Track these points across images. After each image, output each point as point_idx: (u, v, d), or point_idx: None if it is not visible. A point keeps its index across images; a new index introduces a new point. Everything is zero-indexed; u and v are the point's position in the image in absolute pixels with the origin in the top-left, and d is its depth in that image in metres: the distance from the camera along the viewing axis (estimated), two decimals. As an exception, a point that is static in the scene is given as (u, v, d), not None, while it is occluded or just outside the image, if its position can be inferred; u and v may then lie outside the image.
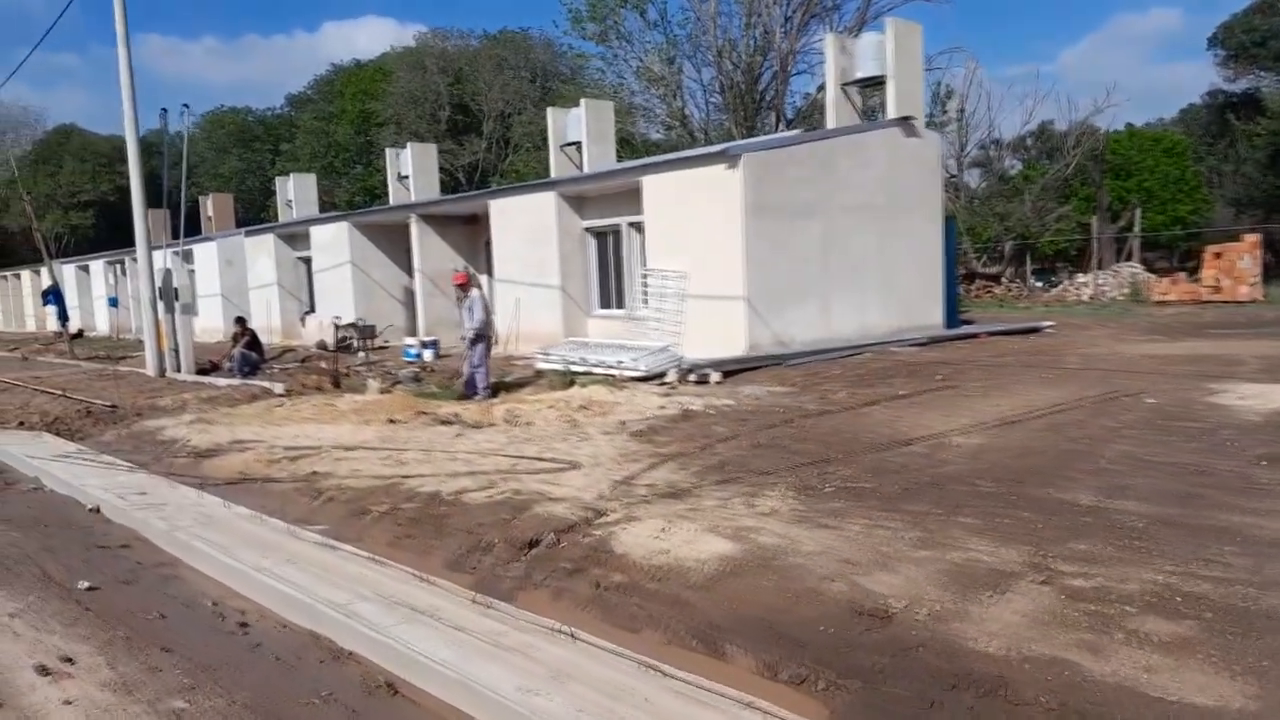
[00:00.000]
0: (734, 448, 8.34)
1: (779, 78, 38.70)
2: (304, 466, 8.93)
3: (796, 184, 15.41)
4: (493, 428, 10.41)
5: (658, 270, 15.97)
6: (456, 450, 9.07)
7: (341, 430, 10.82)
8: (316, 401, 13.18)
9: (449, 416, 11.26)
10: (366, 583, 5.56)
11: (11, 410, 14.33)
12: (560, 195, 18.08)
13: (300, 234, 27.14)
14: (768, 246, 14.92)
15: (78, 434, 12.48)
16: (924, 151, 17.98)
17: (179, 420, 12.23)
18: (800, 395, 11.40)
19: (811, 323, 15.68)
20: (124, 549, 6.82)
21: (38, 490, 9.14)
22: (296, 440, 10.26)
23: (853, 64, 19.56)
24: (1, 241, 62.73)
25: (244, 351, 17.09)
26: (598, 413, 10.74)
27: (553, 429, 10.01)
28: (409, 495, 7.45)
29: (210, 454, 10.09)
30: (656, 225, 16.01)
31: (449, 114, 51.19)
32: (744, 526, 5.83)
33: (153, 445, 11.14)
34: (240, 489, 8.56)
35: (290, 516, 7.46)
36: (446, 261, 22.48)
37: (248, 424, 11.65)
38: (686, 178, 15.45)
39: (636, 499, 6.76)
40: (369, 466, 8.60)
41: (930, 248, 18.02)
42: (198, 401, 13.66)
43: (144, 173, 18.04)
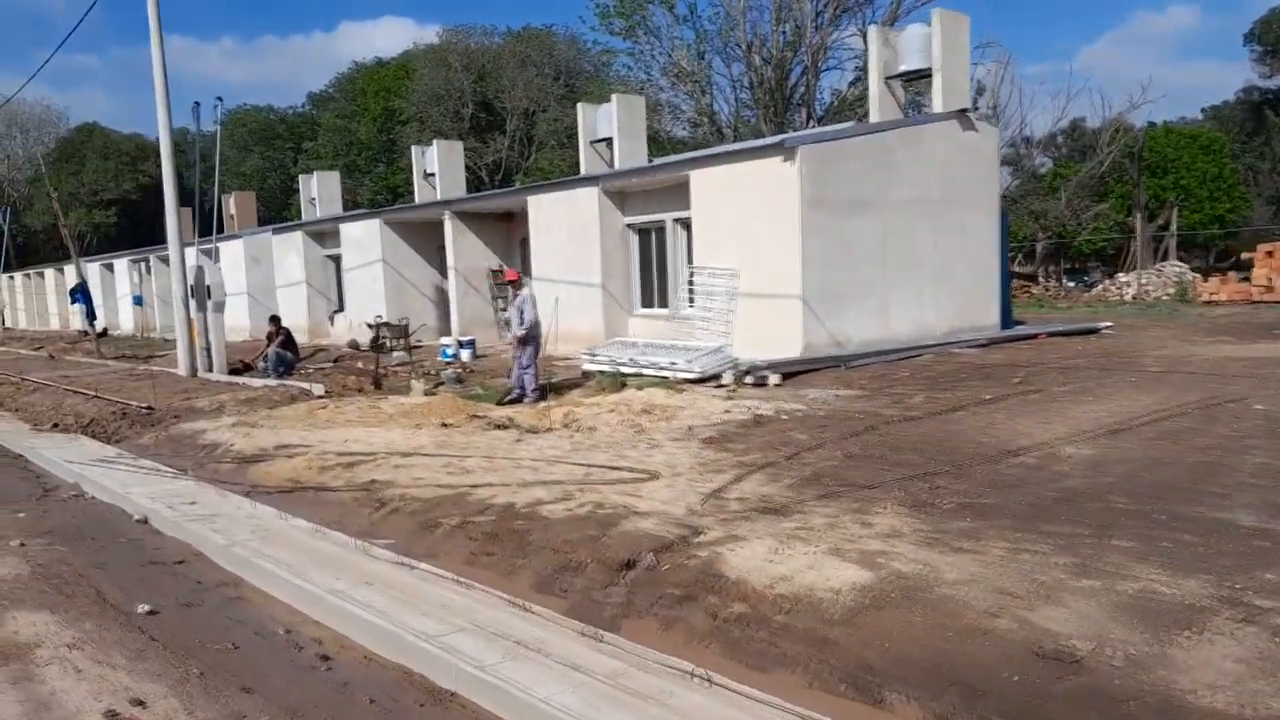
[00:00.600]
0: (823, 458, 7.76)
1: (809, 73, 38.04)
2: (360, 474, 8.41)
3: (854, 177, 14.81)
4: (553, 433, 9.87)
5: (706, 268, 15.40)
6: (520, 457, 8.53)
7: (393, 435, 10.30)
8: (361, 404, 12.67)
9: (503, 420, 10.73)
10: (455, 609, 5.02)
11: (45, 412, 13.90)
12: (603, 191, 17.53)
13: (329, 231, 26.70)
14: (825, 242, 14.32)
15: (114, 437, 12.03)
16: (981, 145, 17.33)
17: (218, 423, 11.75)
18: (873, 399, 10.80)
19: (868, 322, 15.07)
20: (179, 565, 6.32)
21: (79, 498, 8.66)
22: (347, 445, 9.75)
23: (896, 57, 18.93)
24: (24, 240, 62.73)
25: (279, 351, 16.63)
26: (661, 417, 10.18)
27: (618, 435, 9.45)
28: (480, 507, 6.91)
29: (256, 459, 9.59)
30: (705, 221, 15.44)
31: (472, 111, 50.76)
32: (870, 550, 5.26)
33: (193, 449, 10.66)
34: (293, 498, 8.05)
35: (352, 529, 6.95)
36: (481, 259, 22.01)
37: (291, 427, 11.15)
38: (738, 171, 14.87)
39: (733, 515, 6.20)
40: (431, 475, 8.07)
41: (986, 244, 17.38)
42: (236, 403, 13.18)
43: (177, 173, 17.58)
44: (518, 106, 50.18)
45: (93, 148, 62.08)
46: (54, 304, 48.57)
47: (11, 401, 15.62)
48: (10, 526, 7.36)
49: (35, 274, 51.74)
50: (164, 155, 17.49)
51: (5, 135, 62.54)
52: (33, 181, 62.69)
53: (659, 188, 17.02)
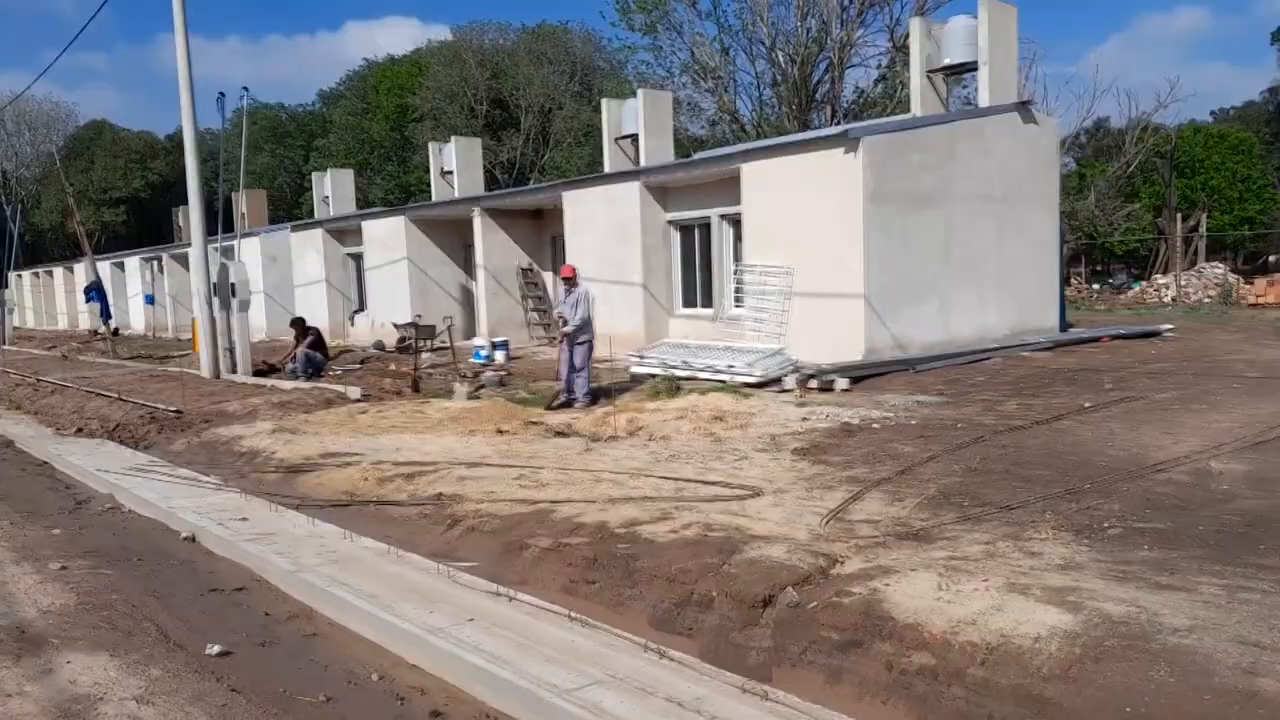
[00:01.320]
0: (941, 473, 7.03)
1: (834, 70, 37.30)
2: (424, 487, 7.70)
3: (916, 170, 14.09)
4: (622, 441, 9.15)
5: (757, 266, 14.68)
6: (597, 469, 7.81)
7: (448, 442, 9.60)
8: (403, 408, 11.98)
9: (562, 427, 10.01)
10: (582, 654, 4.30)
11: (67, 414, 13.22)
12: (645, 186, 16.82)
13: (351, 229, 26.01)
14: (887, 239, 13.61)
15: (142, 442, 11.35)
16: (1041, 139, 16.61)
17: (254, 429, 11.05)
18: (960, 406, 10.08)
19: (930, 323, 14.34)
20: (241, 593, 5.61)
21: (114, 511, 7.96)
22: (401, 454, 9.04)
23: (939, 50, 18.24)
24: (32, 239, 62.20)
25: (308, 352, 15.94)
26: (735, 425, 9.46)
27: (696, 445, 8.73)
28: (569, 526, 6.20)
29: (302, 469, 8.90)
30: (757, 217, 14.72)
31: (487, 109, 50.06)
32: (1054, 586, 4.54)
33: (230, 457, 9.97)
34: (352, 514, 7.35)
35: (425, 549, 6.25)
36: (510, 258, 21.32)
37: (335, 434, 10.45)
38: (795, 164, 14.15)
39: (868, 541, 5.48)
40: (503, 488, 7.35)
41: (1047, 242, 16.65)
42: (269, 407, 12.48)
43: (200, 163, 16.89)
44: (533, 104, 49.47)
45: (102, 145, 61.51)
46: (63, 303, 47.92)
47: (30, 404, 14.95)
48: (46, 545, 6.65)
49: (44, 273, 51.13)
50: (188, 149, 16.80)
51: (13, 133, 61.94)
52: (41, 180, 62.16)
53: (705, 182, 16.32)
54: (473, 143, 30.14)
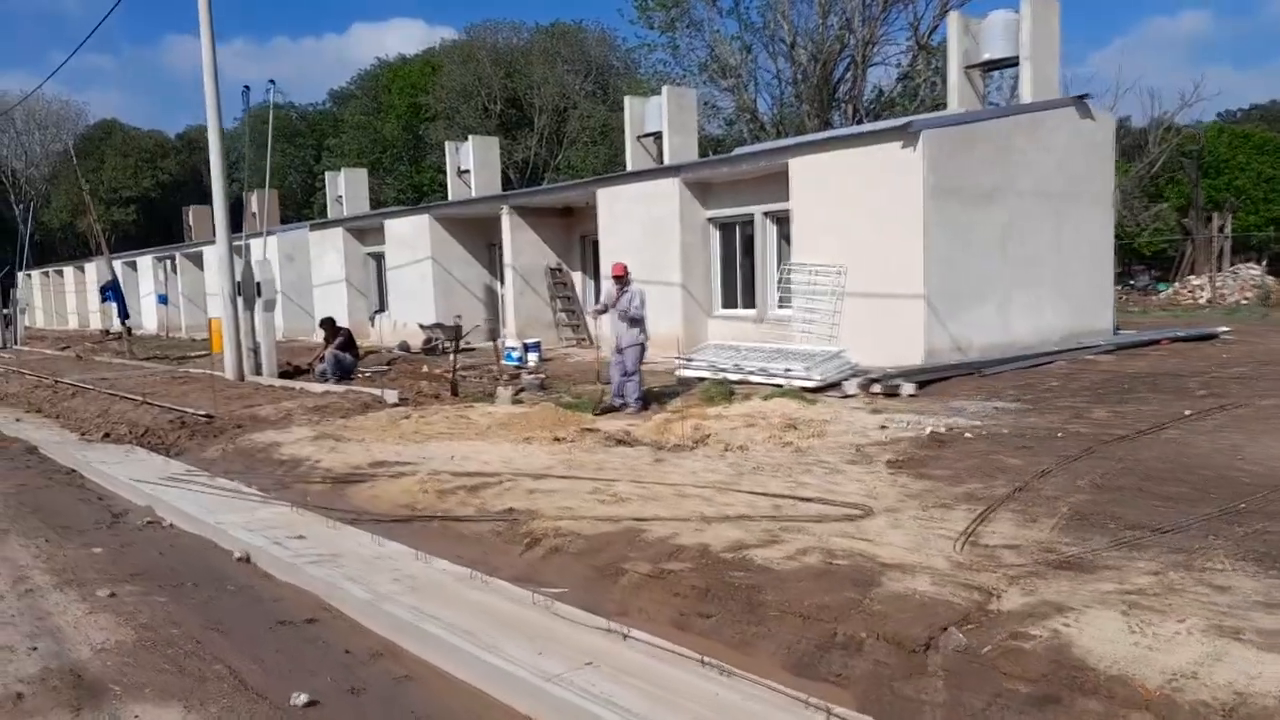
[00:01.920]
0: (1065, 489, 6.43)
1: (857, 68, 36.68)
2: (490, 500, 7.11)
3: (975, 165, 13.50)
4: (692, 451, 8.55)
5: (806, 265, 14.08)
6: (676, 483, 7.21)
7: (503, 450, 9.00)
8: (446, 413, 11.39)
9: (620, 435, 9.42)
10: (730, 711, 3.70)
11: (91, 419, 12.66)
12: (684, 182, 16.22)
13: (371, 228, 25.46)
14: (947, 237, 13.01)
15: (173, 448, 10.78)
16: (1098, 134, 15.98)
17: (292, 434, 10.48)
18: (1044, 413, 9.47)
19: (989, 325, 13.73)
20: (313, 625, 5.02)
21: (155, 526, 7.37)
22: (457, 463, 8.45)
23: (977, 45, 17.68)
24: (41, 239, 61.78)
25: (337, 353, 15.35)
26: (811, 433, 8.86)
27: (776, 455, 8.13)
28: (666, 549, 5.61)
29: (352, 479, 8.32)
30: (806, 213, 14.12)
31: (501, 108, 49.47)
32: (1271, 629, 3.94)
33: (270, 465, 9.39)
34: (417, 531, 6.76)
35: (505, 572, 5.67)
36: (539, 257, 20.74)
37: (380, 440, 9.87)
38: (848, 158, 13.55)
39: (1019, 570, 4.88)
40: (579, 503, 6.76)
41: (1101, 242, 16.04)
42: (304, 411, 11.90)
43: (224, 160, 16.34)
44: (547, 104, 48.90)
45: (112, 145, 61.05)
46: (73, 303, 47.45)
47: (51, 407, 14.38)
48: (88, 567, 6.07)
49: (54, 272, 50.65)
50: (212, 145, 16.25)
51: (23, 131, 61.50)
52: (50, 179, 61.72)
53: (747, 178, 15.73)
54: (490, 141, 29.60)
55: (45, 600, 5.31)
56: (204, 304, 34.90)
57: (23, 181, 60.20)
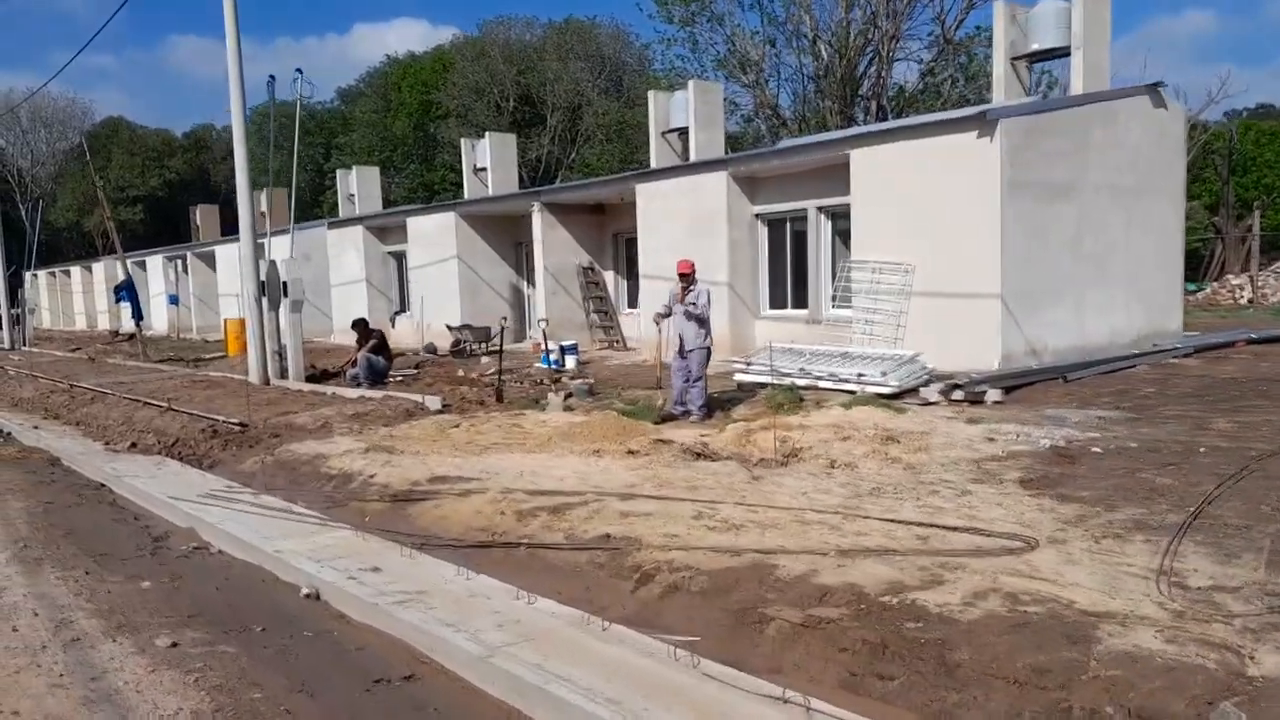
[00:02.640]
0: (1250, 515, 5.66)
1: (882, 63, 35.90)
2: (579, 524, 6.35)
3: (1051, 157, 12.73)
4: (789, 467, 7.78)
5: (869, 262, 13.31)
6: (789, 506, 6.44)
7: (572, 464, 8.24)
8: (497, 420, 10.63)
9: (697, 447, 8.65)
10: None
11: (114, 427, 11.91)
12: (732, 176, 15.45)
13: (393, 226, 24.72)
14: (1022, 233, 12.25)
15: (205, 459, 10.04)
16: (1170, 125, 15.20)
17: (335, 445, 9.72)
18: (1155, 423, 8.70)
19: (1064, 326, 12.97)
20: (413, 684, 4.27)
21: (204, 553, 6.62)
22: (526, 479, 7.68)
23: (1024, 36, 16.94)
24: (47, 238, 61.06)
25: (369, 356, 14.59)
26: (914, 446, 8.09)
27: (887, 473, 7.36)
28: (809, 590, 4.84)
29: (413, 497, 7.56)
30: (869, 208, 13.35)
31: (514, 105, 48.67)
32: None
33: (317, 480, 8.63)
34: (500, 560, 6.01)
35: (616, 612, 4.96)
36: (570, 255, 19.99)
37: (434, 452, 9.10)
38: (916, 149, 12.79)
39: (1257, 620, 4.11)
40: (684, 529, 5.99)
41: (1172, 239, 15.27)
42: (343, 419, 11.15)
43: (248, 152, 15.58)
44: (560, 101, 48.11)
45: (118, 143, 60.30)
46: (80, 303, 46.78)
47: (69, 413, 13.63)
48: (139, 606, 5.31)
49: (61, 272, 49.98)
50: (236, 137, 15.51)
51: (29, 130, 60.80)
52: (56, 178, 61.02)
53: (801, 171, 14.96)
54: (507, 139, 28.85)
55: (96, 652, 4.55)
56: (216, 305, 34.18)
57: (29, 180, 59.49)
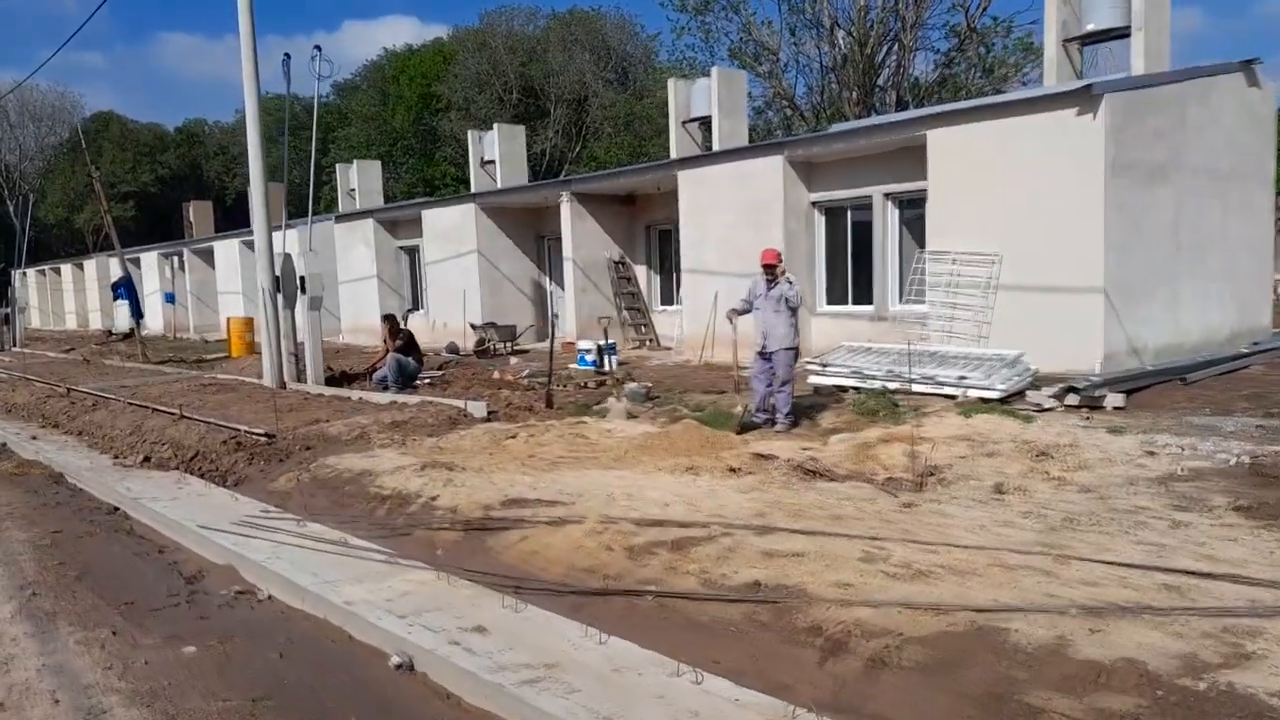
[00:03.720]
0: None
1: (905, 51, 34.80)
2: (713, 566, 5.19)
3: (1151, 138, 11.63)
4: (937, 489, 6.63)
5: (948, 253, 12.18)
6: (972, 544, 5.29)
7: (669, 484, 7.08)
8: (558, 430, 9.47)
9: (806, 463, 7.49)
10: None
11: (122, 438, 10.68)
12: (788, 160, 14.29)
13: (406, 220, 23.49)
14: (1124, 220, 11.15)
15: (231, 476, 8.85)
16: (1261, 106, 14.10)
17: (380, 459, 8.53)
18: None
19: (1160, 322, 11.87)
20: (584, 815, 3.09)
21: (249, 598, 5.45)
22: (620, 503, 6.52)
23: (1077, 16, 15.94)
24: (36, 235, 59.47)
25: (398, 357, 13.39)
26: (1071, 464, 6.95)
27: (1066, 498, 6.21)
28: (1074, 668, 3.71)
29: (489, 525, 6.39)
30: (948, 194, 12.22)
31: (517, 98, 47.39)
32: None
33: (366, 502, 7.45)
34: (623, 612, 4.87)
35: (807, 693, 3.80)
36: (600, 248, 18.82)
37: (498, 468, 7.93)
38: (1004, 129, 11.66)
39: None
40: (854, 575, 4.84)
41: (1262, 227, 14.18)
42: (380, 428, 9.95)
43: (262, 136, 14.38)
44: (565, 93, 46.87)
45: (109, 137, 58.76)
46: (72, 302, 45.37)
47: (70, 421, 12.39)
48: (186, 684, 4.13)
49: (51, 270, 48.53)
50: (250, 120, 14.30)
51: (17, 125, 59.19)
52: (46, 174, 59.46)
53: (865, 155, 13.81)
54: (516, 130, 27.67)
55: (144, 767, 3.37)
56: (215, 303, 32.91)
57: (17, 177, 57.92)
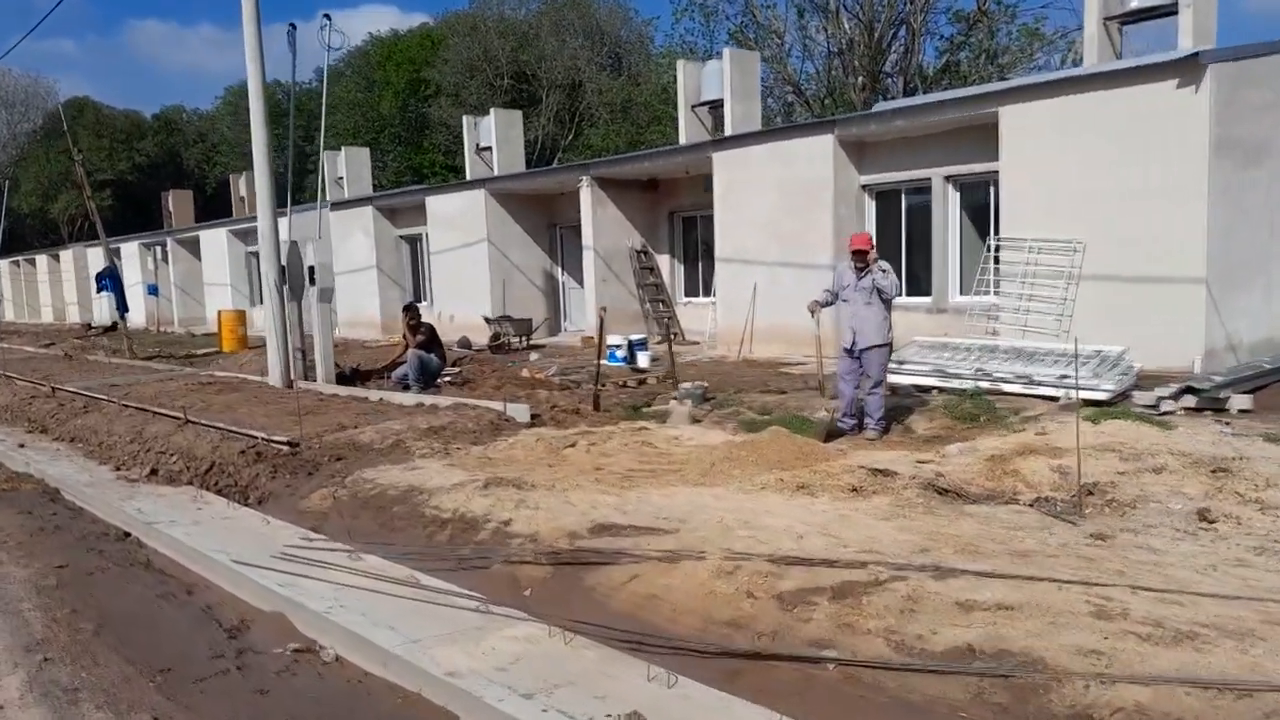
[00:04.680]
0: None
1: (915, 35, 33.88)
2: (899, 623, 4.17)
3: (1255, 113, 10.72)
4: (1121, 517, 5.63)
5: (1025, 240, 11.22)
6: (1214, 590, 4.30)
7: (783, 505, 6.04)
8: (622, 438, 8.42)
9: (932, 478, 6.49)
10: None
11: (122, 444, 9.54)
12: (839, 141, 13.27)
13: (407, 207, 22.33)
14: (1228, 203, 10.23)
15: (253, 492, 7.80)
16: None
17: (422, 471, 7.47)
18: None
19: (1256, 315, 10.98)
20: None
21: (312, 660, 4.39)
22: (736, 532, 5.47)
23: None
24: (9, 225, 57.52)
25: (420, 354, 12.28)
26: (1256, 481, 5.97)
27: (1273, 524, 5.24)
28: None
29: (582, 559, 5.36)
30: (1022, 175, 11.27)
31: (509, 83, 46.08)
32: None
33: (422, 525, 6.40)
34: (801, 685, 3.84)
35: None
36: (622, 237, 17.76)
37: (570, 483, 6.86)
38: (1090, 104, 10.70)
39: None
40: (1093, 638, 3.82)
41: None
42: (416, 435, 8.86)
43: (268, 114, 13.25)
44: (557, 79, 45.60)
45: (84, 124, 56.87)
46: (47, 294, 43.73)
47: (59, 426, 11.21)
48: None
49: (25, 261, 46.84)
50: (252, 94, 13.17)
51: (-13, 110, 57.29)
52: (18, 161, 57.54)
53: (924, 134, 12.82)
54: (513, 115, 26.45)
55: None
56: (201, 295, 31.60)
57: (-12, 164, 56.04)
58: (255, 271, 29.23)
